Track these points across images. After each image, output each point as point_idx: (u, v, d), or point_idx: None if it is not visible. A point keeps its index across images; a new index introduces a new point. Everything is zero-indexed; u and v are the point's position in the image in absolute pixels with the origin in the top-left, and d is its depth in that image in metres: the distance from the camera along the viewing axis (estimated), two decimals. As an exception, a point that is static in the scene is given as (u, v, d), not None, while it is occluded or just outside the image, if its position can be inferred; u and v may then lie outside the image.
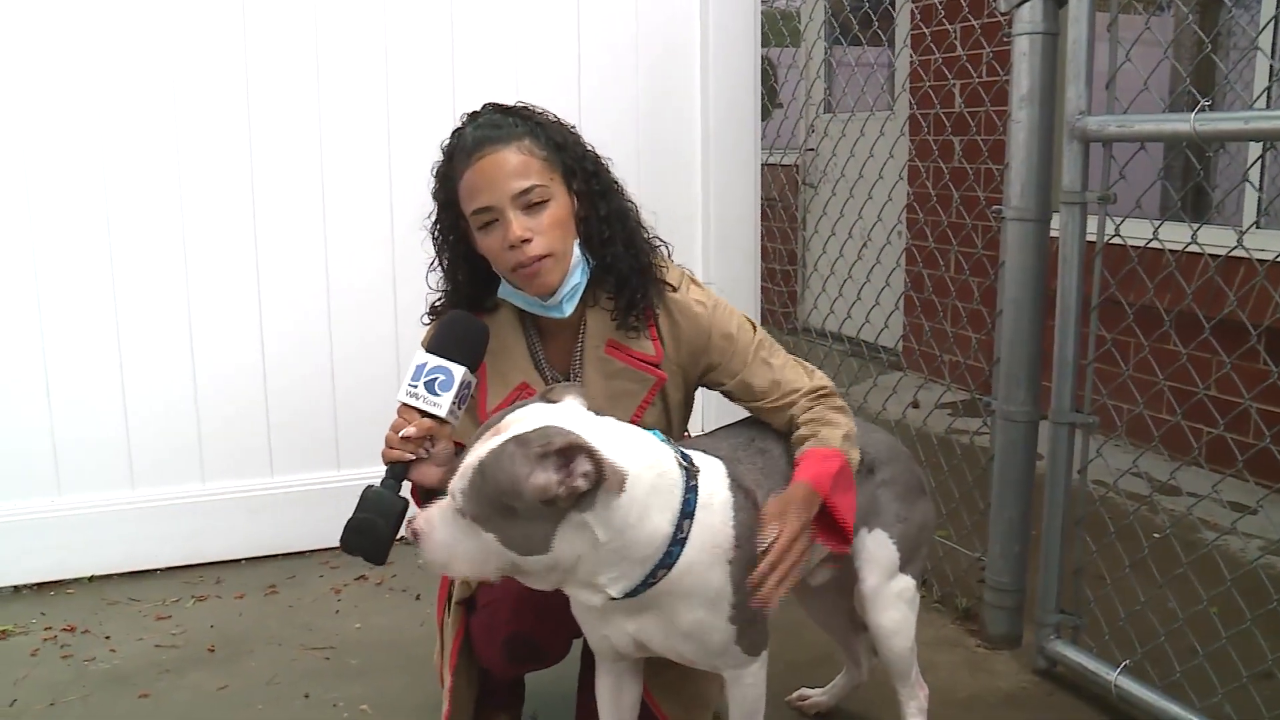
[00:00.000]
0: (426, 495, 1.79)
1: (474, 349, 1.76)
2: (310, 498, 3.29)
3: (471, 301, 1.95)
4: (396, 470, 1.72)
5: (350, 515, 1.70)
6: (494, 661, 2.05)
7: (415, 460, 1.73)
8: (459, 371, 1.71)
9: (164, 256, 3.11)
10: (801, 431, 1.92)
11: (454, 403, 1.71)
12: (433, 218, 1.92)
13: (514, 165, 1.79)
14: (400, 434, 1.70)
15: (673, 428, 2.01)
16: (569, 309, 1.89)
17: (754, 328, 2.01)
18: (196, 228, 3.12)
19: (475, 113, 1.89)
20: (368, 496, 1.70)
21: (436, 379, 1.71)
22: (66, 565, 3.12)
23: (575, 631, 1.93)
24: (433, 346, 1.73)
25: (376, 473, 3.43)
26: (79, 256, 3.04)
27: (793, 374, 1.97)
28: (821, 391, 1.96)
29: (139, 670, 2.62)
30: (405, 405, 1.72)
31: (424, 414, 1.70)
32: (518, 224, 1.78)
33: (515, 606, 1.92)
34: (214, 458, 3.25)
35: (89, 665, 2.65)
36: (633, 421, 1.96)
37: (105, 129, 3.01)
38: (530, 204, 1.79)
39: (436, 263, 1.97)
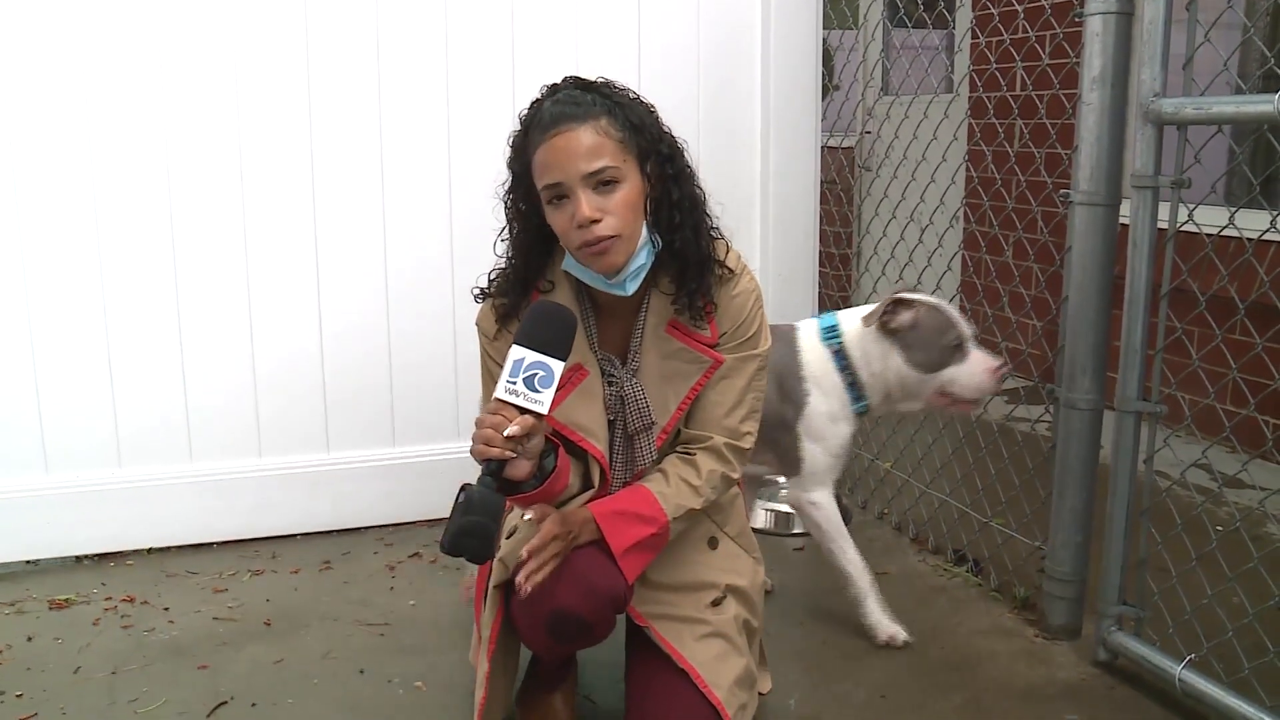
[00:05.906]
0: (510, 489, 1.77)
1: (568, 340, 1.73)
2: (366, 474, 3.32)
3: (532, 274, 1.94)
4: (494, 468, 1.68)
5: (454, 517, 1.65)
6: (538, 642, 2.00)
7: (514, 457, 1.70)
8: (559, 367, 1.68)
9: (224, 234, 3.13)
10: (667, 463, 1.98)
11: (552, 398, 1.68)
12: (506, 185, 1.91)
13: (588, 145, 1.77)
14: (505, 433, 1.65)
15: None
16: (632, 288, 1.89)
17: (766, 341, 2.01)
18: (256, 209, 3.14)
19: (556, 86, 1.87)
20: (473, 499, 1.64)
21: (536, 375, 1.67)
22: (126, 537, 3.16)
23: (619, 605, 1.92)
24: (530, 341, 1.69)
25: (430, 451, 3.45)
26: (141, 240, 3.07)
27: (736, 415, 1.99)
28: (735, 447, 2.00)
29: (197, 642, 2.65)
30: (503, 402, 1.67)
31: (523, 410, 1.67)
32: (588, 203, 1.77)
33: (556, 582, 1.85)
34: (271, 434, 3.27)
35: (149, 635, 2.68)
36: (683, 404, 1.96)
37: (167, 114, 3.03)
38: (601, 183, 1.78)
39: (506, 231, 1.96)
